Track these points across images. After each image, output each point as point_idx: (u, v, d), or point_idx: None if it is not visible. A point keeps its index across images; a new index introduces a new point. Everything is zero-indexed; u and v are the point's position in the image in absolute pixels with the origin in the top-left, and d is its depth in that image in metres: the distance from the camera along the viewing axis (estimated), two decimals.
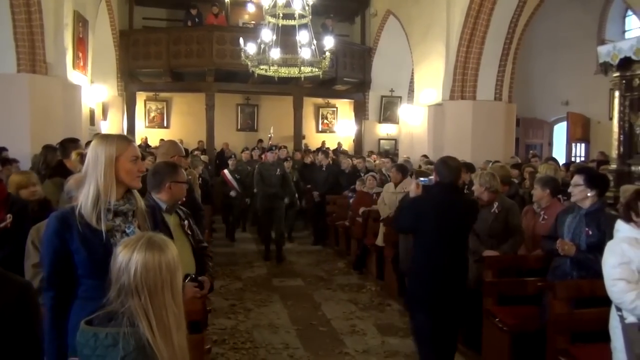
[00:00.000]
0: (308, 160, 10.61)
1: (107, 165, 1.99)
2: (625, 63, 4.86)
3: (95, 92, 9.97)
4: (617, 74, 5.05)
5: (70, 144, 4.81)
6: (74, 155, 4.50)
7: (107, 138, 2.08)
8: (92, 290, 1.89)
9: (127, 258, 1.49)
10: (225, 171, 9.55)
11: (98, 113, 10.68)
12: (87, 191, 1.99)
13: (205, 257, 3.11)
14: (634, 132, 4.90)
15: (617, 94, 5.14)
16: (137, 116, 13.60)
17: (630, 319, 2.60)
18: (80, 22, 8.78)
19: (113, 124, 12.15)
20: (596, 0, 13.16)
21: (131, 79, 12.94)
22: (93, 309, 1.56)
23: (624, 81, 5.02)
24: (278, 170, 7.92)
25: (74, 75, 8.53)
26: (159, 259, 1.49)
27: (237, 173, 9.46)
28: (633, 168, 4.85)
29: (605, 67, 5.14)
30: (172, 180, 2.98)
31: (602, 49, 5.08)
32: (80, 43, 8.79)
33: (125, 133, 11.89)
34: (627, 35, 12.65)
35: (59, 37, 8.02)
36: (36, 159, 6.41)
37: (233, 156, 10.42)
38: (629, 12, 12.78)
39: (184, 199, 3.20)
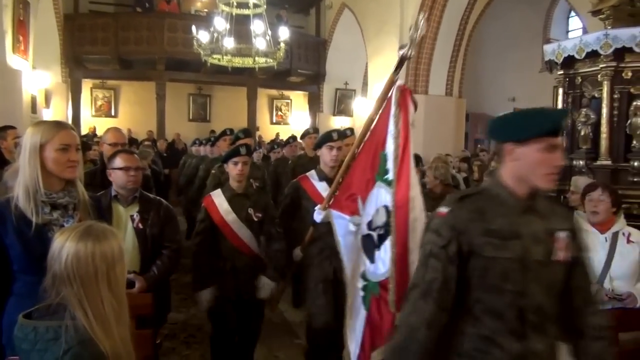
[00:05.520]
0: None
1: (31, 154, 1.89)
2: (569, 62, 5.06)
3: (37, 78, 9.48)
4: (561, 72, 5.24)
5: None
6: None
7: (36, 125, 1.97)
8: (28, 287, 1.80)
9: (60, 246, 1.44)
10: (215, 199, 3.37)
11: (40, 100, 10.16)
12: (19, 182, 1.89)
13: (162, 257, 2.91)
14: (576, 127, 5.11)
15: (560, 91, 5.33)
16: (82, 104, 13.02)
17: None
18: (21, 4, 8.30)
19: (57, 112, 11.59)
20: (543, 1, 13.68)
21: (76, 65, 12.36)
22: (30, 306, 1.48)
23: (567, 79, 5.22)
24: None
25: (13, 60, 8.06)
26: (92, 249, 1.43)
27: (254, 204, 3.45)
28: (574, 162, 5.06)
29: (550, 65, 5.33)
30: (109, 168, 2.89)
31: (548, 48, 5.26)
32: (20, 26, 8.31)
33: (70, 121, 11.41)
34: (571, 35, 13.23)
35: None
36: None
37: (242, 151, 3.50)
38: (572, 13, 13.36)
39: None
